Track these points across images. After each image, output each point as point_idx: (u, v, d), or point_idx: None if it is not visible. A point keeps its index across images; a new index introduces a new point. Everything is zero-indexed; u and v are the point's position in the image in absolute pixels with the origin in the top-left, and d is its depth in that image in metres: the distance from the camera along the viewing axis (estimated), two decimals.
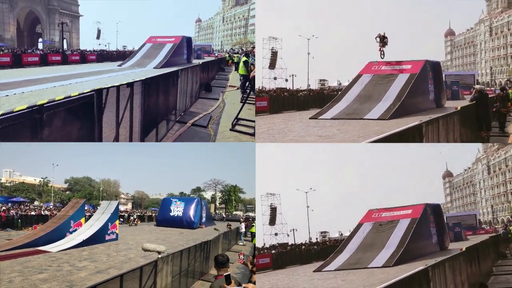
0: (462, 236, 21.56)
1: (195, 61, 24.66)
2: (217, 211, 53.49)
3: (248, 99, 16.40)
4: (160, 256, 8.19)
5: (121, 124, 11.07)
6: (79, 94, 9.20)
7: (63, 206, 28.98)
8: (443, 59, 43.43)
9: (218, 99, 19.70)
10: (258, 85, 22.34)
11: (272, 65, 26.38)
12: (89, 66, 24.28)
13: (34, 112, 7.87)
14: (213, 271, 12.37)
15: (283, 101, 19.89)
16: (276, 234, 24.28)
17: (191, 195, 51.53)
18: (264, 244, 21.81)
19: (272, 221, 24.40)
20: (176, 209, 28.61)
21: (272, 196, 25.00)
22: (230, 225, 23.06)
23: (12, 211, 24.78)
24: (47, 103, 8.18)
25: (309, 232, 26.56)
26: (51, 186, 48.99)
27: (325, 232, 30.48)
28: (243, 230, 22.68)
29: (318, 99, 20.48)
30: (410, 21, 42.87)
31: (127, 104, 11.37)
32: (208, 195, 56.44)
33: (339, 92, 17.09)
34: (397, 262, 13.13)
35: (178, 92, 16.14)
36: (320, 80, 31.92)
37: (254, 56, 14.78)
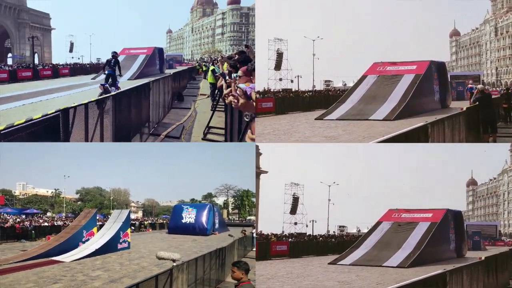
0: (480, 245, 21.51)
1: (167, 71, 24.92)
2: (230, 217, 52.94)
3: (218, 106, 15.80)
4: (175, 264, 8.06)
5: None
6: (42, 116, 8.49)
7: (75, 217, 29.14)
8: (448, 60, 43.21)
9: (190, 108, 19.21)
10: (263, 86, 22.50)
11: (277, 67, 26.51)
12: (61, 81, 23.67)
13: None
14: (230, 279, 12.34)
15: (288, 102, 19.98)
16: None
17: (203, 202, 51.06)
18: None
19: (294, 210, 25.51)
20: (188, 216, 27.96)
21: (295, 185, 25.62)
22: (245, 230, 22.73)
23: (26, 222, 25.03)
24: (5, 129, 7.50)
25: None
26: (63, 197, 49.25)
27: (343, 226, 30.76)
28: None
29: (323, 100, 20.50)
30: (415, 21, 42.82)
31: (98, 121, 10.76)
32: (220, 201, 55.52)
33: (344, 93, 17.15)
34: (413, 263, 13.21)
35: (151, 104, 15.70)
36: (325, 81, 31.95)
37: (219, 67, 14.81)
